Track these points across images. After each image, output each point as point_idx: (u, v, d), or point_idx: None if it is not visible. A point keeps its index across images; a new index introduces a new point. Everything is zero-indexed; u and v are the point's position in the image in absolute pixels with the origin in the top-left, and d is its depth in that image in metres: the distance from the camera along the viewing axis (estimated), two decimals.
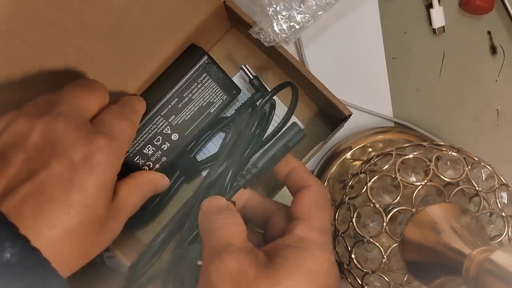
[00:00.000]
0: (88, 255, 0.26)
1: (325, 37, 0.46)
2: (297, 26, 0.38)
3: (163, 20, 0.36)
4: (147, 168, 0.39)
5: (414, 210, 0.30)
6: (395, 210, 0.31)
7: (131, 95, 0.38)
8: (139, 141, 0.38)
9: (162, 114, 0.38)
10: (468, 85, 0.47)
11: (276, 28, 0.38)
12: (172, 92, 0.38)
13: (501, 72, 0.47)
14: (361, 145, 0.44)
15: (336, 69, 0.47)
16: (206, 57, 0.38)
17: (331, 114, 0.43)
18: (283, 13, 0.38)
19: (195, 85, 0.38)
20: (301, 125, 0.45)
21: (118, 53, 0.35)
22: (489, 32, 0.47)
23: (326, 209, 0.31)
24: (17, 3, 0.26)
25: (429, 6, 0.47)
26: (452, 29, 0.47)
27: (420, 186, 0.31)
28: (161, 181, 0.36)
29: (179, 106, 0.38)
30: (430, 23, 0.47)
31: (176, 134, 0.39)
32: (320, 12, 0.38)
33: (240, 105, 0.42)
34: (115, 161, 0.27)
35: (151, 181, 0.34)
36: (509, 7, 0.46)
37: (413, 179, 0.32)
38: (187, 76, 0.38)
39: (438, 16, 0.46)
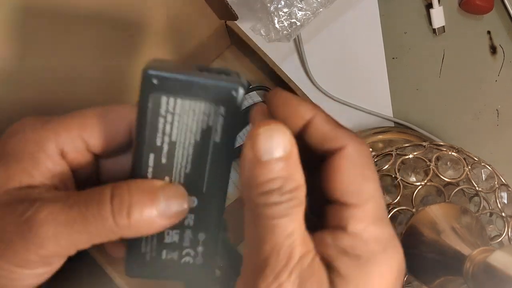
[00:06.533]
0: None
1: (324, 37, 0.46)
2: (298, 23, 0.38)
3: (165, 37, 0.36)
4: None
5: (414, 210, 0.30)
6: (395, 210, 0.31)
7: None
8: None
9: None
10: (468, 85, 0.47)
11: (277, 25, 0.38)
12: None
13: (501, 72, 0.47)
14: None
15: (336, 69, 0.46)
16: None
17: None
18: (284, 10, 0.38)
19: None
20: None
21: (118, 70, 0.35)
22: (489, 32, 0.47)
23: (375, 177, 0.20)
24: (24, 5, 0.26)
25: (429, 6, 0.46)
26: (452, 29, 0.47)
27: (420, 186, 0.31)
28: None
29: None
30: (430, 23, 0.47)
31: None
32: (321, 9, 0.38)
33: None
34: None
35: None
36: (509, 7, 0.46)
37: (413, 179, 0.32)
38: None
39: (438, 16, 0.46)
